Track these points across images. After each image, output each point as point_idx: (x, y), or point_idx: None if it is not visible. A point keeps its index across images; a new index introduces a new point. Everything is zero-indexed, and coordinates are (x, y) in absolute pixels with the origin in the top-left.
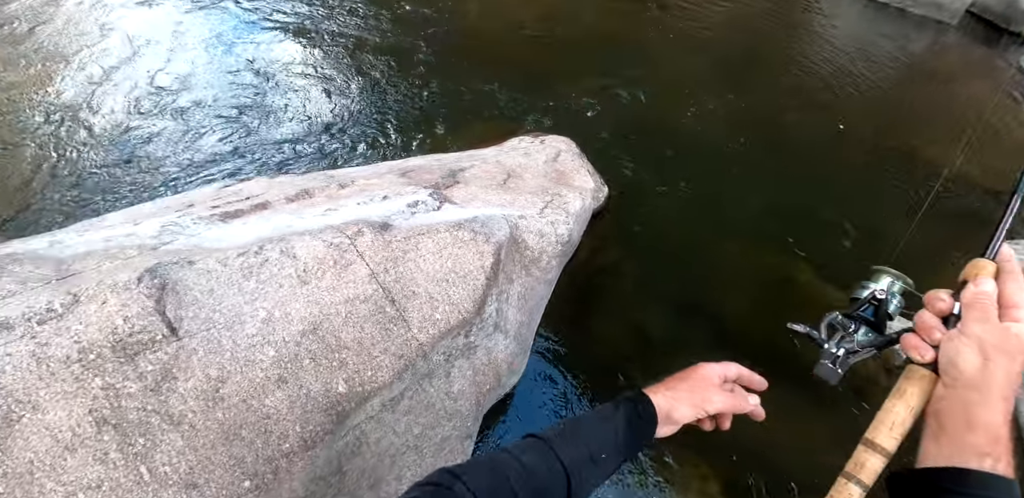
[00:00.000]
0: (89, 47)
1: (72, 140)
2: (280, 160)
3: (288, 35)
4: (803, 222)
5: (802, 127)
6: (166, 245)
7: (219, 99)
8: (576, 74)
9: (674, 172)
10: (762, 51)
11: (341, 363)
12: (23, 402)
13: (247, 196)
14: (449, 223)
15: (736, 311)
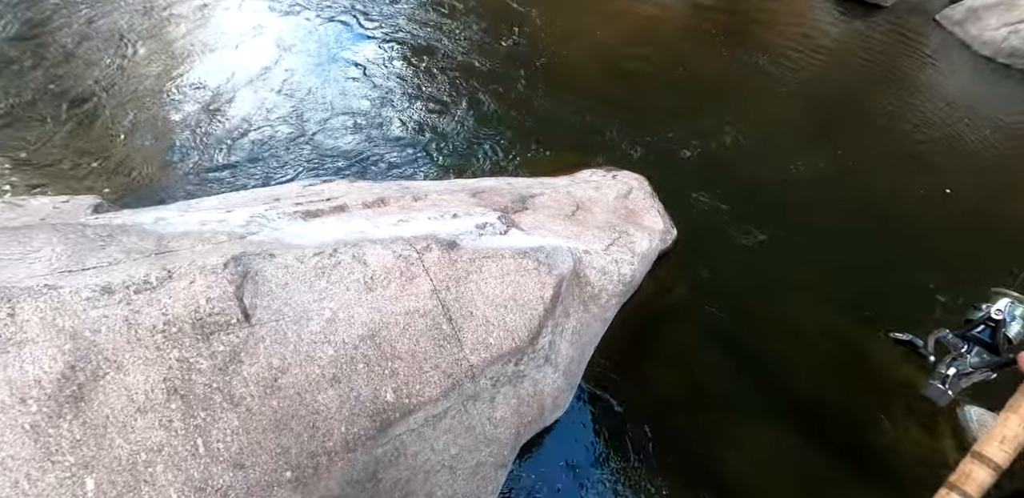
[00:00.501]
0: (226, 50)
1: (190, 128)
2: (361, 165)
3: (397, 53)
4: (888, 288)
5: (897, 185)
6: (252, 235)
7: (321, 104)
8: (659, 112)
9: (750, 221)
10: (864, 103)
11: (392, 372)
12: (111, 361)
13: (328, 197)
14: (515, 249)
15: (798, 374)
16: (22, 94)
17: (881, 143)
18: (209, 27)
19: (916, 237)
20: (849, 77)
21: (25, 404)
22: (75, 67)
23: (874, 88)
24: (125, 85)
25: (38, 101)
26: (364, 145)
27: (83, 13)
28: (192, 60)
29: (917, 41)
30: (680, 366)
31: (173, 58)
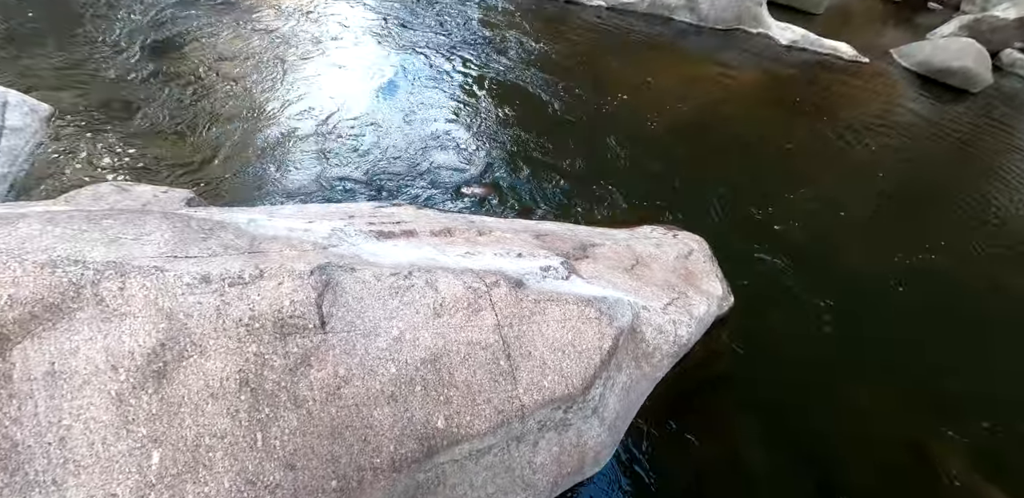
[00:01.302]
0: (320, 80)
1: (279, 138)
2: (428, 193)
3: (483, 96)
4: (966, 392)
5: (985, 283)
6: (333, 247)
7: (400, 134)
8: (727, 177)
9: (812, 297)
10: (948, 190)
11: (447, 400)
12: (197, 345)
13: (398, 221)
14: (578, 296)
15: (851, 474)
16: (151, 103)
17: (967, 236)
18: (314, 61)
19: (1005, 343)
20: (932, 161)
21: (116, 372)
22: (194, 83)
23: (958, 176)
24: (227, 102)
25: (159, 108)
26: (434, 175)
27: (212, 40)
28: (290, 88)
29: (1006, 131)
30: (721, 438)
31: (278, 85)
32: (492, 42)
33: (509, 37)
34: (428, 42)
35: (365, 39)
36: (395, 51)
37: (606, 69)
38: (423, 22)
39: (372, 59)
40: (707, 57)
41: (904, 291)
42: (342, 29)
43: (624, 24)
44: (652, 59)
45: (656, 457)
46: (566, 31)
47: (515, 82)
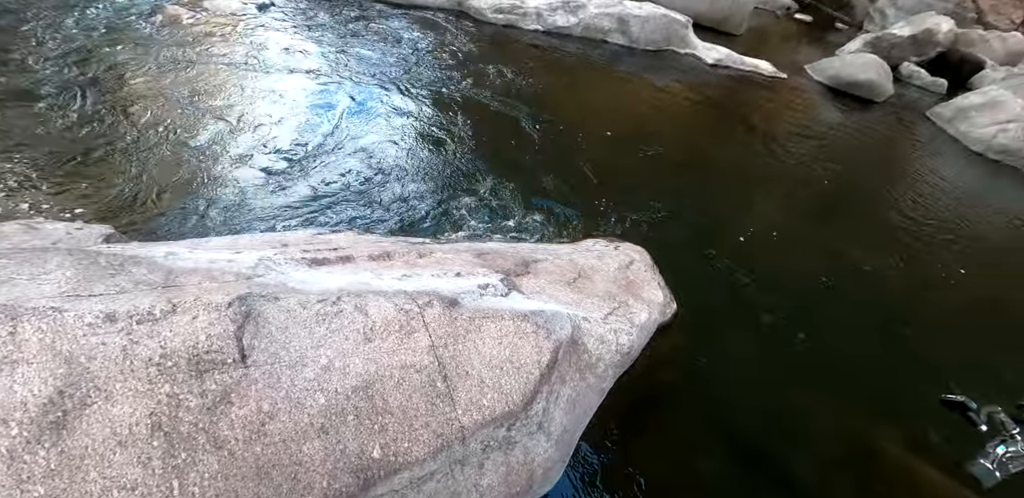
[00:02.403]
0: (251, 103)
1: (212, 169)
2: (369, 218)
3: (420, 118)
4: (903, 382)
5: (897, 276)
6: (259, 277)
7: (336, 158)
8: (664, 190)
9: (753, 302)
10: (866, 192)
11: (382, 428)
12: (101, 390)
13: (335, 247)
14: (515, 312)
15: (800, 470)
16: (59, 126)
17: (881, 230)
18: (244, 82)
19: (930, 329)
20: (849, 166)
21: (7, 426)
22: (113, 105)
23: (874, 178)
24: (150, 130)
25: (71, 134)
26: (374, 199)
27: (126, 55)
28: (208, 107)
29: (910, 135)
30: (672, 445)
31: (210, 116)
32: (431, 64)
33: (447, 59)
34: (366, 67)
35: (299, 65)
36: (331, 77)
37: (544, 89)
38: (360, 47)
39: (309, 86)
40: (640, 76)
41: (835, 290)
42: (276, 57)
43: (560, 47)
44: (589, 79)
45: (608, 469)
46: (504, 54)
47: (454, 104)
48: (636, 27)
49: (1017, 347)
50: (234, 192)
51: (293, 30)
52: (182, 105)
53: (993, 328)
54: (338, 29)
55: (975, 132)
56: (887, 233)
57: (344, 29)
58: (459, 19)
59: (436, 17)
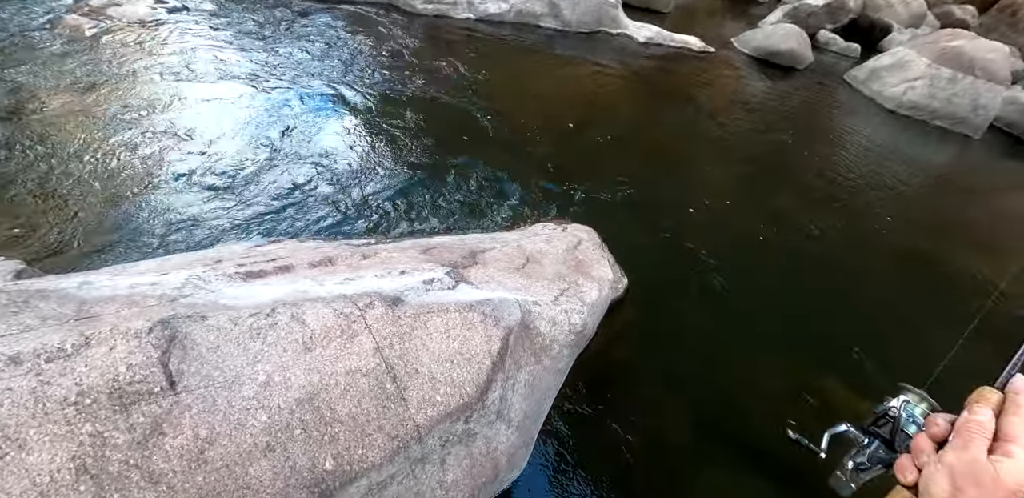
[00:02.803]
0: (170, 113)
1: (125, 189)
2: (312, 225)
3: (347, 116)
4: (834, 329)
5: (833, 233)
6: (186, 297)
7: (270, 166)
8: (608, 168)
9: (699, 272)
10: (794, 153)
11: (332, 437)
12: (11, 439)
13: (273, 258)
14: (460, 303)
15: (757, 421)
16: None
17: (814, 189)
18: (172, 94)
19: (858, 278)
20: (779, 132)
21: None
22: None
23: (803, 141)
24: (73, 154)
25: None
26: (318, 205)
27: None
28: (133, 125)
29: (831, 98)
30: (639, 419)
31: (113, 125)
32: (368, 61)
33: (383, 55)
34: (300, 69)
35: (229, 71)
36: (266, 82)
37: (485, 79)
38: (291, 48)
39: (243, 93)
40: (577, 59)
41: (777, 250)
42: (203, 64)
43: (495, 34)
44: (528, 66)
45: (577, 450)
46: (441, 46)
47: (396, 101)
48: (567, 10)
49: (928, 292)
50: (169, 211)
51: (216, 34)
52: (105, 125)
53: (922, 271)
54: (264, 31)
55: (887, 91)
56: (820, 191)
57: (271, 30)
58: (389, 12)
59: (365, 11)
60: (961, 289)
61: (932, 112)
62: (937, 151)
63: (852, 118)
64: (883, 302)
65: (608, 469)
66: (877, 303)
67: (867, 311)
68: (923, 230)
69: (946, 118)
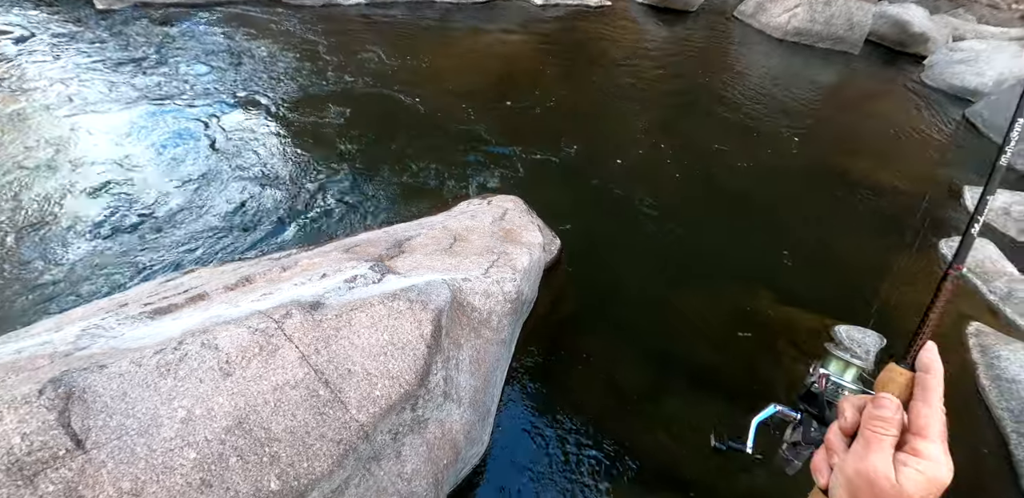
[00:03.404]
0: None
1: (12, 241)
2: (230, 249)
3: (246, 126)
4: (765, 253)
5: (752, 161)
6: (83, 350)
7: (174, 193)
8: (525, 136)
9: (630, 220)
10: (702, 91)
11: (272, 457)
12: None
13: (186, 289)
14: (384, 294)
15: (710, 350)
16: None
17: (727, 122)
18: (55, 130)
19: (780, 201)
20: (683, 72)
21: None
22: None
23: (705, 77)
24: None
25: None
26: (229, 227)
27: None
28: (16, 170)
29: (725, 34)
30: (597, 369)
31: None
32: (266, 64)
33: (280, 54)
34: (185, 82)
35: (116, 97)
36: (160, 104)
37: (387, 62)
38: (178, 63)
39: (134, 119)
40: (478, 29)
41: (703, 188)
42: (78, 94)
43: (390, 15)
44: (427, 43)
45: (543, 410)
46: (337, 35)
47: (296, 99)
48: None
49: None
50: (67, 261)
51: (87, 59)
52: None
53: (835, 184)
54: (140, 49)
55: (772, 21)
56: (732, 123)
57: (148, 47)
58: (272, 7)
59: (246, 11)
60: (869, 196)
61: (815, 35)
62: (825, 70)
63: (747, 51)
64: (806, 219)
65: (575, 422)
66: (801, 222)
67: (794, 231)
68: (827, 144)
69: (827, 39)
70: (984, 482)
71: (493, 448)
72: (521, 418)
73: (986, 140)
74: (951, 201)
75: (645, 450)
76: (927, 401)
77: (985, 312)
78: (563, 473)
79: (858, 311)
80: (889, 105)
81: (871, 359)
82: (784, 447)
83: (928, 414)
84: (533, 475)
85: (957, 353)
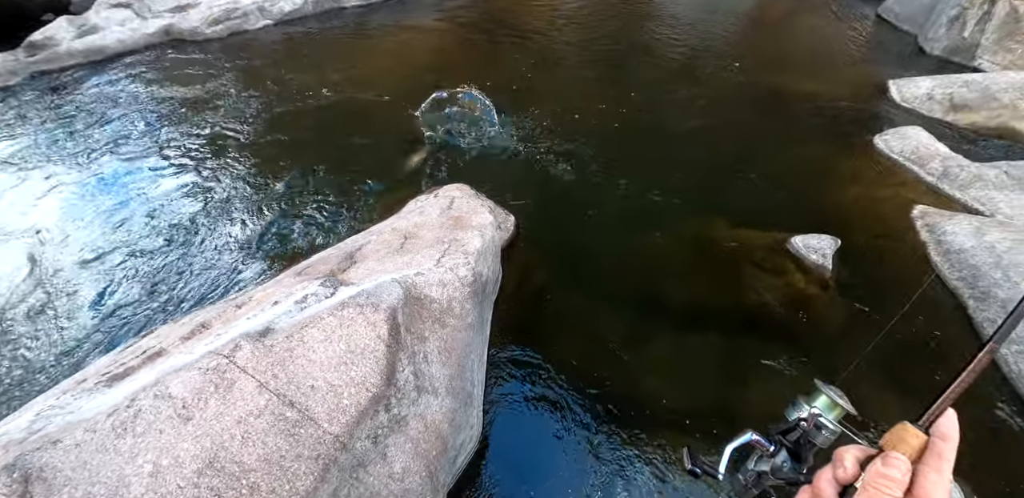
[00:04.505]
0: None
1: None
2: (184, 303)
3: (173, 178)
4: (703, 184)
5: (672, 101)
6: (37, 432)
7: (114, 261)
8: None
9: (582, 183)
10: (630, 45)
11: (252, 488)
12: None
13: (144, 350)
14: (332, 306)
15: (680, 286)
16: None
17: (661, 66)
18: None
19: (729, 130)
20: (604, 28)
21: None
22: None
23: (628, 28)
24: None
25: None
26: (185, 282)
27: None
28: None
29: None
30: (580, 333)
31: None
32: (174, 105)
33: (201, 97)
34: (97, 147)
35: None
36: (67, 176)
37: (305, 80)
38: (84, 132)
39: (49, 189)
40: (393, 26)
41: (654, 133)
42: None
43: (304, 33)
44: (343, 50)
45: (534, 384)
46: (255, 65)
47: (217, 136)
48: None
49: (780, 118)
50: (14, 356)
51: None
52: None
53: (764, 103)
54: (45, 121)
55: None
56: (659, 67)
57: (54, 118)
58: (176, 49)
59: (148, 60)
60: (802, 108)
61: None
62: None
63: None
64: (747, 144)
65: (565, 385)
66: (743, 148)
67: (737, 158)
68: (755, 70)
69: None
70: (946, 351)
71: (489, 429)
72: (511, 394)
73: (901, 33)
74: (878, 95)
75: (641, 396)
76: (939, 470)
77: (926, 193)
78: (563, 438)
79: (810, 218)
80: (806, 19)
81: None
82: (747, 473)
83: (936, 482)
84: (534, 445)
85: (906, 238)
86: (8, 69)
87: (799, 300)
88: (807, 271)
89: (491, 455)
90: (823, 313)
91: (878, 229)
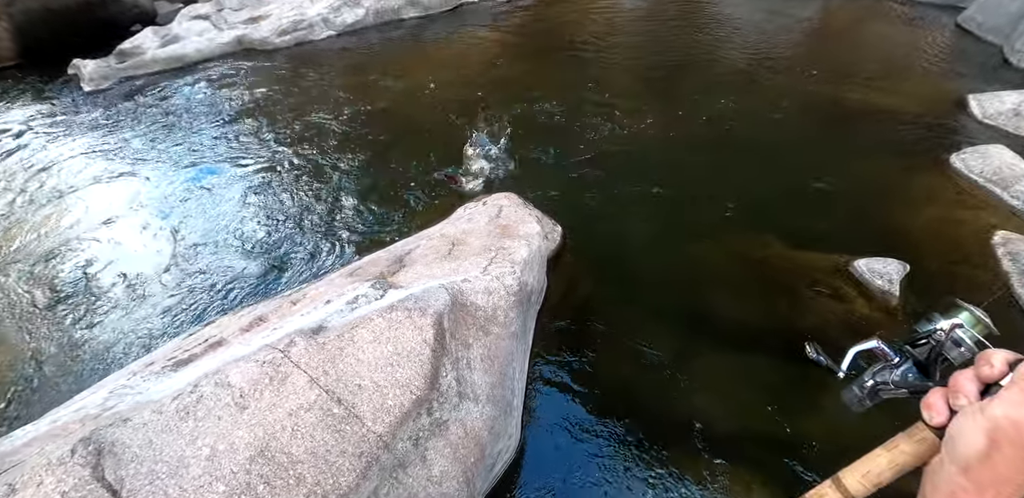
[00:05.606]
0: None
1: (33, 327)
2: (250, 294)
3: (244, 179)
4: (760, 199)
5: (731, 110)
6: (110, 410)
7: (187, 254)
8: (524, 130)
9: (624, 193)
10: (686, 52)
11: (298, 479)
12: None
13: (205, 338)
14: (382, 308)
15: (731, 306)
16: None
17: (719, 73)
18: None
19: (775, 148)
20: (662, 37)
21: None
22: None
23: (684, 34)
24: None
25: None
26: (247, 275)
27: None
28: (28, 259)
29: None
30: (623, 346)
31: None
32: (246, 112)
33: (269, 106)
34: (181, 150)
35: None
36: (149, 173)
37: (366, 88)
38: (170, 135)
39: (127, 192)
40: (452, 37)
41: (708, 143)
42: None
43: (364, 43)
44: (409, 63)
45: (574, 396)
46: (322, 73)
47: (287, 140)
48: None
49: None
50: (94, 336)
51: (85, 141)
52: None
53: (830, 117)
54: (132, 122)
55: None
56: (719, 76)
57: (140, 120)
58: (248, 57)
59: (223, 67)
60: (870, 122)
61: None
62: (802, 3)
63: (720, 2)
64: (809, 160)
65: (606, 398)
66: (804, 163)
67: (797, 173)
68: (822, 80)
69: None
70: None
71: (527, 439)
72: (550, 406)
73: (984, 44)
74: (956, 110)
75: (686, 415)
76: None
77: (1009, 218)
78: (601, 454)
79: (876, 241)
80: (876, 27)
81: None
82: (863, 384)
83: None
84: (572, 458)
85: (986, 267)
86: (102, 74)
87: (861, 328)
88: (871, 297)
89: (527, 466)
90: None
91: (953, 255)
